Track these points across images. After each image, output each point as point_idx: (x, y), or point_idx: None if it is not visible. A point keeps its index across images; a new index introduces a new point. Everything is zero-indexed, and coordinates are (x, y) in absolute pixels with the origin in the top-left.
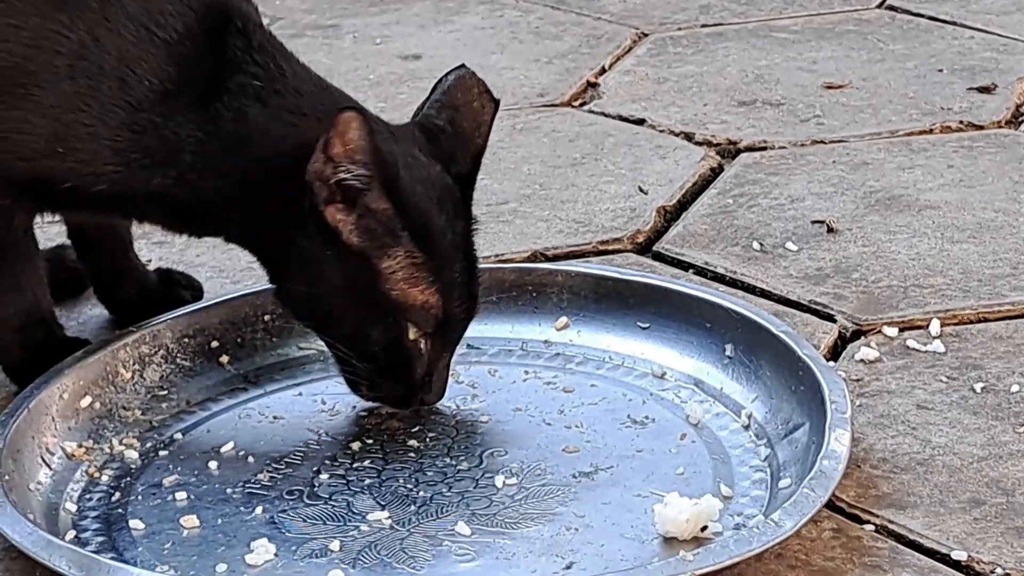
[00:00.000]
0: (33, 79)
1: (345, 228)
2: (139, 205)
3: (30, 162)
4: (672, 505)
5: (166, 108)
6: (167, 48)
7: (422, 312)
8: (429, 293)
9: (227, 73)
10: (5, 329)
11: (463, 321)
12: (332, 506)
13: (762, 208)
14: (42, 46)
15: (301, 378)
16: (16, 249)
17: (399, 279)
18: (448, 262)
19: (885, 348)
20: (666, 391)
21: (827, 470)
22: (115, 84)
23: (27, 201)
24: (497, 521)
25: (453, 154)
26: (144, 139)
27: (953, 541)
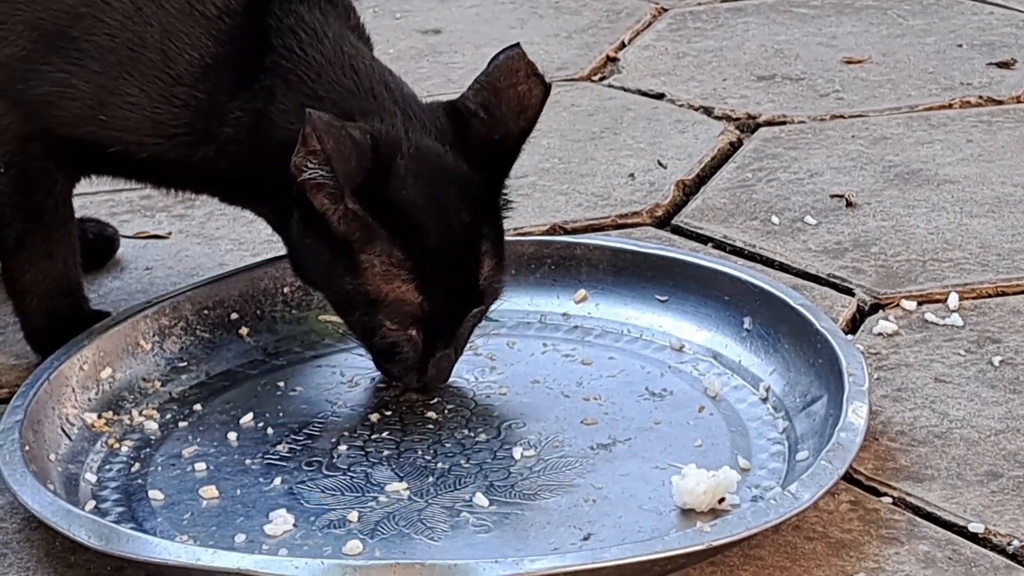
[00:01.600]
0: (76, 44)
1: (331, 214)
2: (183, 176)
3: (73, 127)
4: (690, 477)
5: (207, 83)
6: (207, 23)
7: (395, 307)
8: (405, 290)
9: (263, 51)
10: (32, 296)
11: (455, 315)
12: (351, 477)
13: (781, 182)
14: (85, 13)
15: (320, 350)
16: (54, 215)
17: (375, 274)
18: (435, 258)
19: (903, 322)
20: (684, 364)
21: (844, 442)
22: (157, 56)
23: (70, 166)
24: (515, 492)
25: (487, 138)
26: (185, 113)
27: (970, 513)
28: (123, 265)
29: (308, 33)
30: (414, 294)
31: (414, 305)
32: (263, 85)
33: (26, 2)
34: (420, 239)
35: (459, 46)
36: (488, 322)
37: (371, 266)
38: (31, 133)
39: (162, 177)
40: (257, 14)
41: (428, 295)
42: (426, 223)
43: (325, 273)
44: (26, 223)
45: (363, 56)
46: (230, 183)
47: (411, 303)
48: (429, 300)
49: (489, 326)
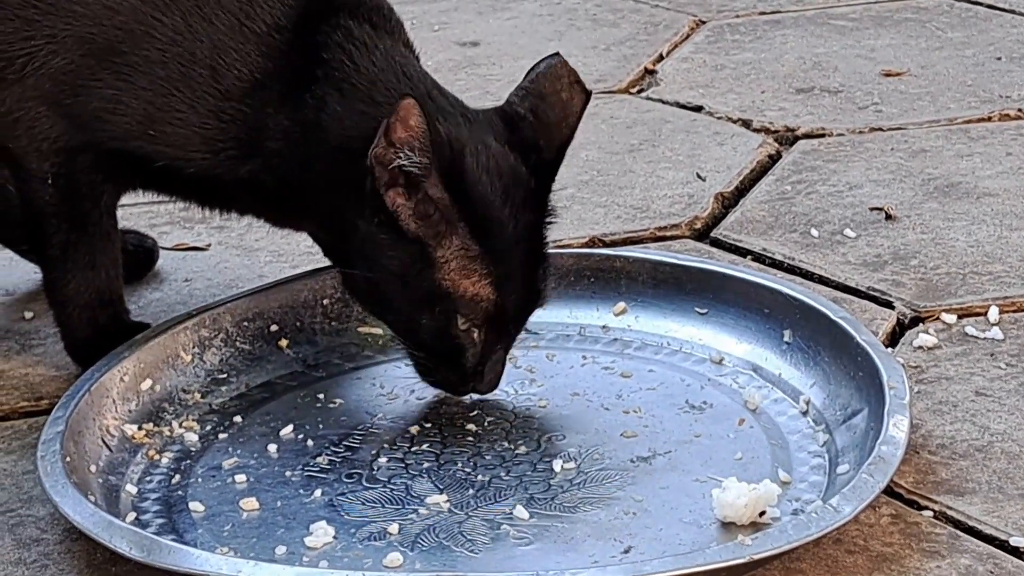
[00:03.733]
0: (127, 60)
1: (404, 213)
2: (229, 192)
3: (121, 140)
4: (730, 490)
5: (255, 99)
6: (257, 39)
7: (472, 304)
8: (481, 285)
9: (314, 64)
10: (73, 306)
11: (519, 315)
12: (391, 489)
13: (820, 195)
14: (136, 29)
15: (360, 361)
16: (98, 226)
17: (452, 269)
18: (507, 255)
19: (944, 335)
20: (724, 376)
21: (886, 456)
22: (206, 72)
23: (117, 178)
24: (555, 505)
25: (534, 143)
26: (233, 128)
27: (1012, 527)
28: (163, 277)
29: (359, 46)
30: (489, 290)
31: (489, 302)
32: (315, 96)
33: (77, 17)
34: (495, 234)
35: (497, 58)
36: (527, 334)
37: (447, 261)
38: (79, 145)
39: (207, 194)
40: (306, 30)
41: (501, 292)
42: (501, 218)
43: (393, 278)
44: (71, 233)
45: (414, 65)
46: (277, 199)
47: (486, 299)
48: (502, 297)
49: (529, 339)
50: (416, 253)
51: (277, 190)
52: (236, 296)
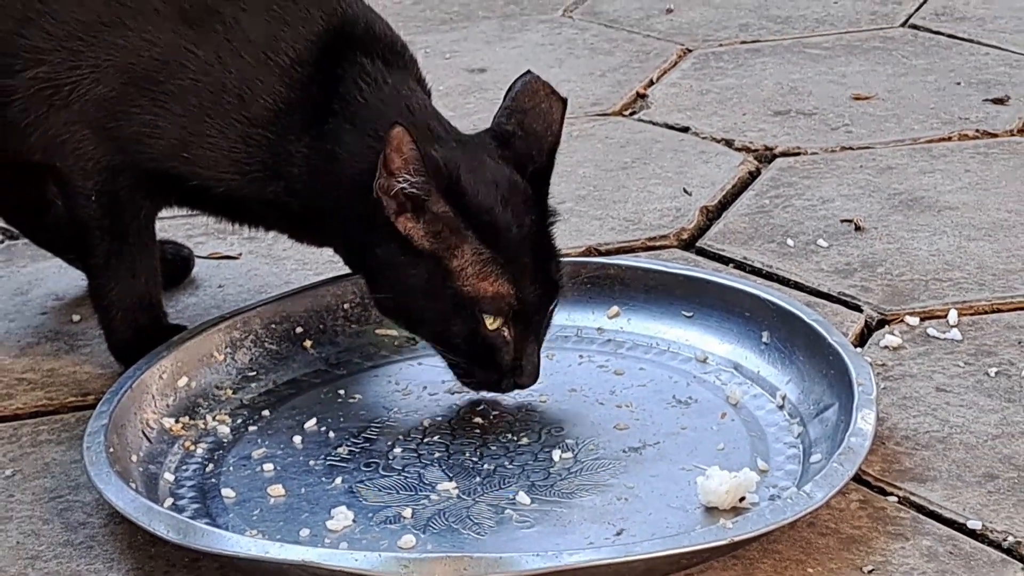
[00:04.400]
0: (163, 88)
1: (416, 234)
2: (256, 210)
3: (158, 161)
4: (713, 478)
5: (278, 126)
6: (281, 72)
7: (495, 302)
8: (499, 284)
9: (332, 97)
10: (116, 310)
11: (541, 306)
12: (405, 477)
13: (796, 208)
14: (172, 61)
15: (377, 360)
16: (138, 237)
17: (469, 274)
18: (517, 253)
19: (907, 336)
20: (708, 374)
21: (854, 446)
22: (235, 100)
23: (154, 195)
24: (554, 491)
25: (527, 154)
26: (259, 152)
27: (969, 512)
28: (198, 283)
29: (369, 82)
30: (507, 286)
31: (510, 297)
32: (331, 128)
33: (119, 49)
34: (501, 236)
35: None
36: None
37: (463, 269)
38: (120, 165)
39: (236, 210)
40: (326, 65)
41: (518, 286)
42: (503, 222)
43: (419, 294)
44: (112, 244)
45: (419, 98)
46: (300, 218)
47: (507, 295)
48: (520, 291)
49: None
50: (434, 268)
51: (299, 211)
52: (265, 301)
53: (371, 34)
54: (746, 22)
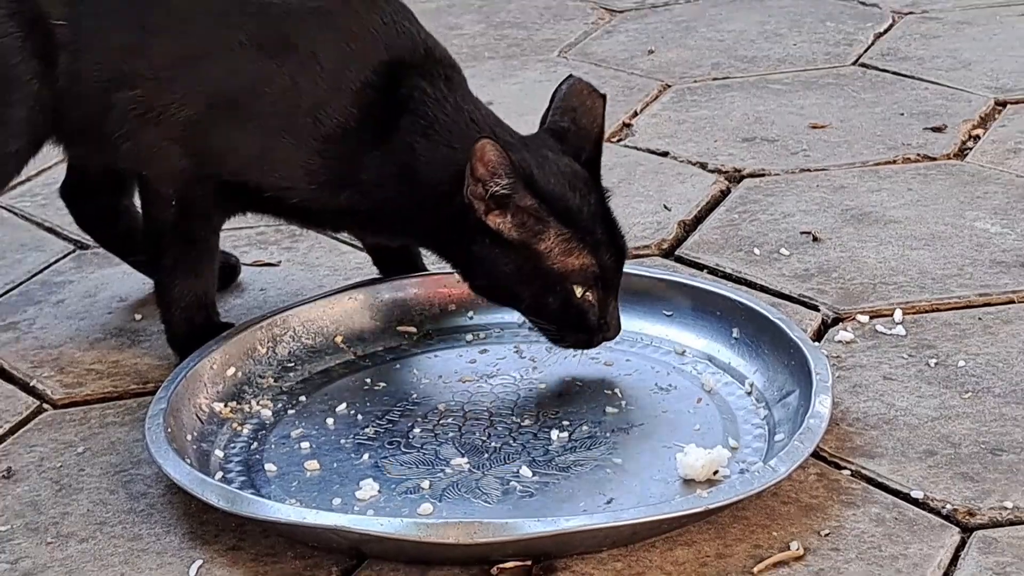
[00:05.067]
0: (244, 111)
1: (505, 228)
2: (326, 216)
3: (237, 174)
4: (690, 454)
5: (349, 142)
6: (351, 94)
7: (581, 273)
8: (583, 257)
9: (399, 114)
10: (176, 307)
11: (617, 269)
12: (423, 454)
13: (761, 222)
14: (255, 87)
15: (399, 354)
16: (205, 242)
17: (557, 254)
18: (590, 228)
19: (858, 332)
20: (685, 365)
21: (813, 427)
22: (309, 120)
23: (229, 204)
24: (553, 466)
25: (580, 145)
26: (332, 164)
27: (912, 483)
28: (243, 287)
29: (434, 100)
30: (590, 259)
31: (593, 267)
32: (402, 142)
33: (207, 77)
34: (576, 217)
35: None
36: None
37: (551, 250)
38: (201, 176)
39: (306, 216)
40: (391, 87)
41: (597, 256)
42: (576, 204)
43: (513, 278)
44: (183, 247)
45: (479, 109)
46: (371, 219)
47: (590, 265)
48: (599, 260)
49: (531, 335)
50: (524, 254)
51: (370, 213)
52: (301, 302)
53: (431, 57)
54: (717, 61)
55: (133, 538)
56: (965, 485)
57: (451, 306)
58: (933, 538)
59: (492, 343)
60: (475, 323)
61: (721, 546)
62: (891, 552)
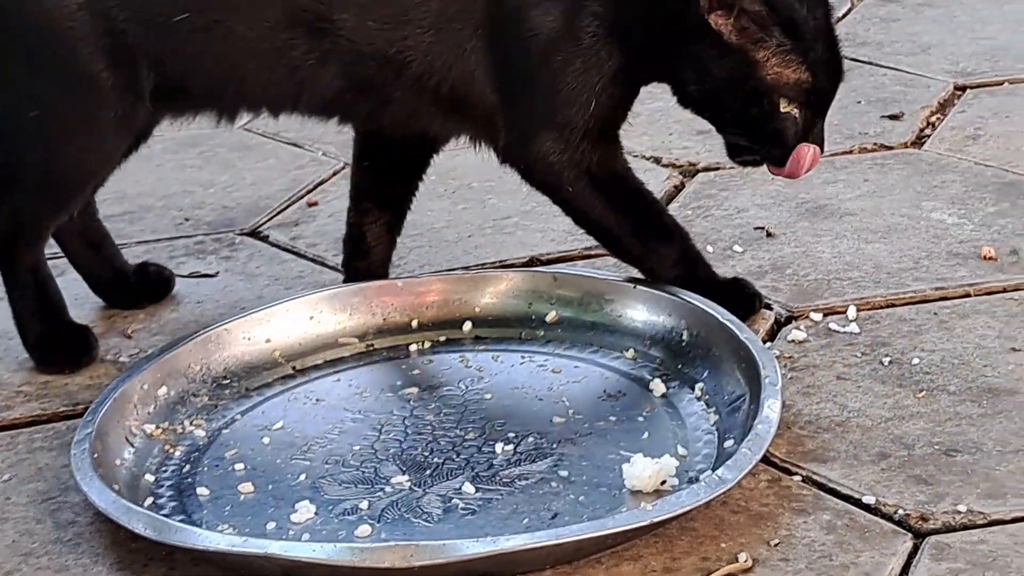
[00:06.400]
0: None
1: (726, 30)
2: None
3: None
4: (637, 464)
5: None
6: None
7: (795, 88)
8: (800, 71)
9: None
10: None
11: (831, 90)
12: (362, 472)
13: (715, 217)
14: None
15: (339, 367)
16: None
17: (774, 65)
18: (812, 44)
19: (812, 330)
20: (636, 369)
21: (761, 433)
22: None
23: None
24: (496, 481)
25: None
26: None
27: (864, 488)
28: (179, 300)
29: None
30: (807, 74)
31: (808, 83)
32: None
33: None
34: (801, 29)
35: None
36: (477, 340)
37: (768, 60)
38: None
39: None
40: None
41: (814, 72)
42: (801, 17)
43: (723, 84)
44: None
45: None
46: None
47: (804, 80)
48: (815, 76)
49: (478, 343)
50: (740, 60)
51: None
52: (238, 316)
53: None
54: None
55: (60, 569)
56: (918, 489)
57: (394, 316)
58: (885, 545)
59: (437, 353)
60: (419, 333)
61: (668, 560)
62: (842, 561)
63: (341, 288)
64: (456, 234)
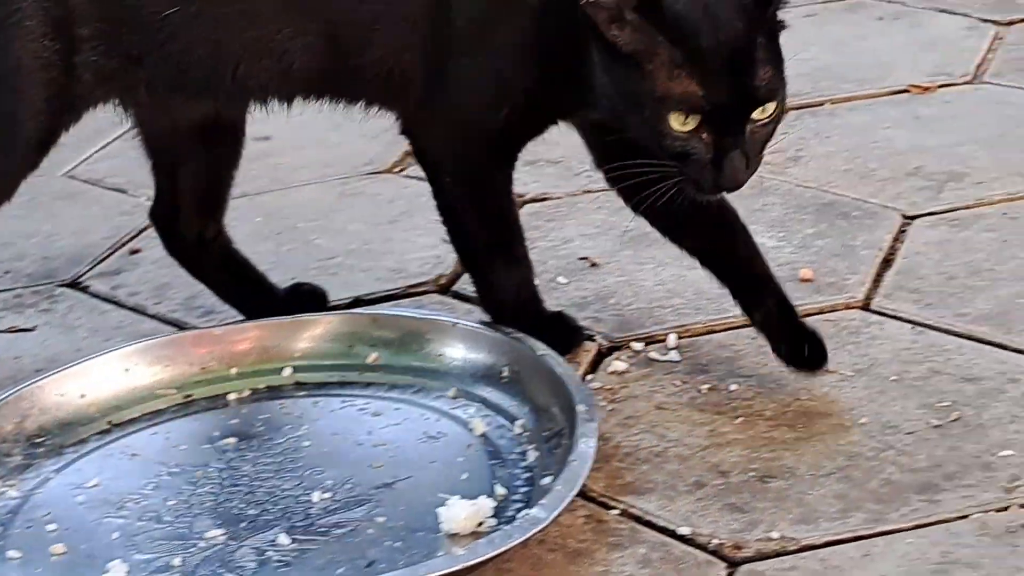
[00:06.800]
0: None
1: (620, 41)
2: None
3: None
4: (454, 506)
5: None
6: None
7: (683, 101)
8: (687, 84)
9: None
10: None
11: (738, 112)
12: (176, 528)
13: (540, 249)
14: None
15: (156, 419)
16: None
17: (660, 77)
18: (712, 57)
19: (633, 360)
20: (457, 409)
21: (575, 469)
22: None
23: None
24: (312, 531)
25: None
26: None
27: (680, 519)
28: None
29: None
30: (695, 87)
31: (697, 97)
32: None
33: None
34: (694, 41)
35: (287, 150)
36: (297, 387)
37: (656, 71)
38: None
39: None
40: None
41: (707, 88)
42: (698, 28)
43: (623, 98)
44: None
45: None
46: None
47: (694, 95)
48: (709, 93)
49: (298, 389)
50: (635, 72)
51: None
52: (53, 372)
53: None
54: None
55: None
56: (733, 517)
57: (212, 364)
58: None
59: (256, 401)
60: (238, 381)
61: None
62: None
63: (156, 339)
64: (281, 276)
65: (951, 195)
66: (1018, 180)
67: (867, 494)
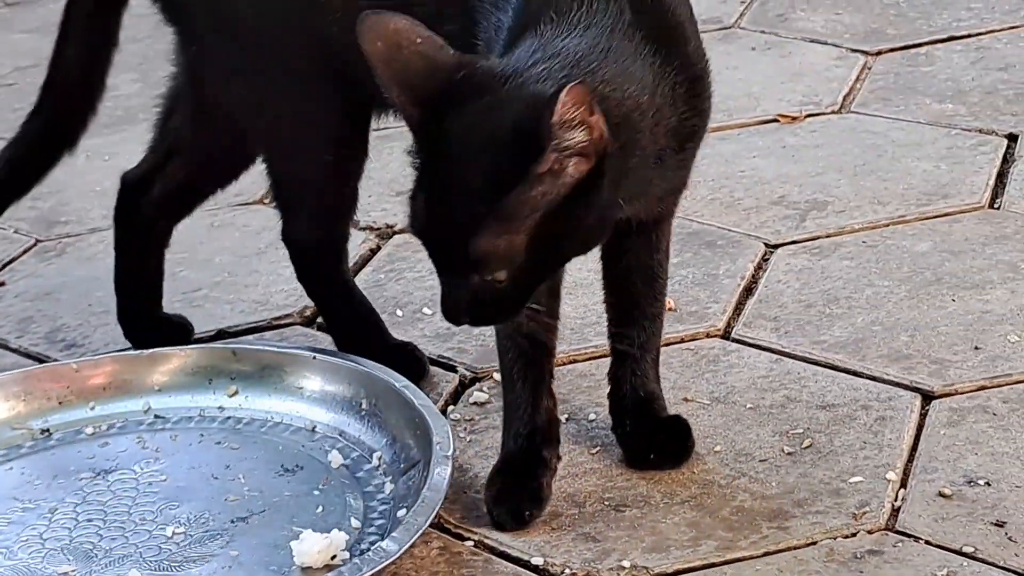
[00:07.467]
0: None
1: None
2: None
3: None
4: (306, 540)
5: None
6: None
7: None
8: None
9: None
10: None
11: (428, 247)
12: (28, 565)
13: (407, 280)
14: None
15: (12, 455)
16: None
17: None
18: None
19: (494, 391)
20: (315, 442)
21: (429, 500)
22: None
23: None
24: (164, 565)
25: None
26: None
27: (533, 549)
28: None
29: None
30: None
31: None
32: None
33: None
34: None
35: None
36: (156, 419)
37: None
38: None
39: None
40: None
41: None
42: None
43: None
44: None
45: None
46: None
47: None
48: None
49: (157, 423)
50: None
51: None
52: None
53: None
54: None
55: None
56: (586, 546)
57: (70, 399)
58: None
59: (113, 435)
60: (96, 415)
61: None
62: None
63: (12, 374)
64: None
65: (813, 224)
66: (878, 208)
67: (718, 522)
